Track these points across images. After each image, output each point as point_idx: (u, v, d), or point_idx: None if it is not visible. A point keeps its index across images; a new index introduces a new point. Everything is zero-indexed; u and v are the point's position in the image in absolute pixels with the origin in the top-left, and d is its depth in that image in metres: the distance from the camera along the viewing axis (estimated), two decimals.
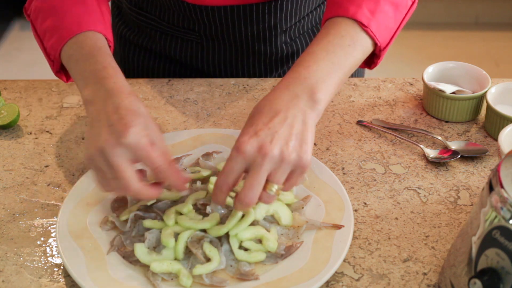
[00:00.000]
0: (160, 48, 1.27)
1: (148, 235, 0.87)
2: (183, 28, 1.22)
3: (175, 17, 1.21)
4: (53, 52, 0.95)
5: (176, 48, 1.25)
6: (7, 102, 1.18)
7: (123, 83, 0.87)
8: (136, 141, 0.80)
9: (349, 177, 1.01)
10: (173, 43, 1.25)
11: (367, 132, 1.10)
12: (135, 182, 0.81)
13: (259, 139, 0.80)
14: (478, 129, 1.11)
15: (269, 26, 1.19)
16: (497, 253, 0.70)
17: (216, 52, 1.24)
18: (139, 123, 0.82)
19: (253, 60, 1.24)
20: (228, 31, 1.19)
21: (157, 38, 1.25)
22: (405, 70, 3.11)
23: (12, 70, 3.19)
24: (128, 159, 0.81)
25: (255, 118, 0.83)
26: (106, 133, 0.81)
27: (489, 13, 3.49)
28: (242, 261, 0.85)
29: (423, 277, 0.85)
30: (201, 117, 1.14)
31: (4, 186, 1.00)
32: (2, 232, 0.92)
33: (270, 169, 0.80)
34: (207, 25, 1.19)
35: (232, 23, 1.18)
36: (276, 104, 0.83)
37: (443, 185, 0.99)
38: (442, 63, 1.17)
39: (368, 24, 0.92)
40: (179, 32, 1.23)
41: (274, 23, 1.19)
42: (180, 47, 1.25)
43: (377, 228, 0.92)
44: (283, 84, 0.86)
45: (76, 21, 0.94)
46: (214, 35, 1.20)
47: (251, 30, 1.19)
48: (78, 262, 0.83)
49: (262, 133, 0.80)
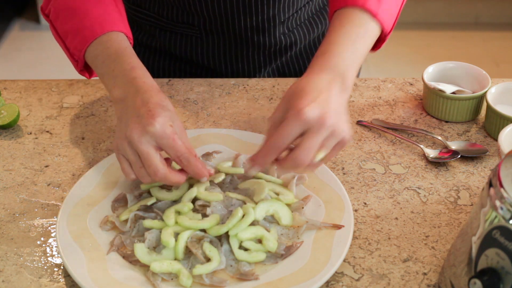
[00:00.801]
0: (160, 45, 1.27)
1: (148, 235, 0.87)
2: (183, 23, 1.22)
3: (174, 12, 1.21)
4: (77, 53, 0.98)
5: (176, 43, 1.26)
6: (7, 102, 1.18)
7: (152, 82, 0.92)
8: (161, 130, 0.85)
9: (349, 177, 1.01)
10: (172, 38, 1.25)
11: (367, 132, 1.10)
12: (162, 167, 0.86)
13: (319, 106, 0.84)
14: (478, 129, 1.11)
15: (267, 17, 1.20)
16: (497, 253, 0.70)
17: (216, 45, 1.24)
18: (166, 115, 0.87)
19: (252, 52, 1.25)
20: (227, 24, 1.20)
21: (157, 35, 1.26)
22: (405, 70, 3.11)
23: (12, 70, 3.18)
24: (154, 146, 0.86)
25: (303, 92, 0.86)
26: (133, 123, 0.86)
27: (489, 13, 3.49)
28: (242, 261, 0.85)
29: (423, 277, 0.85)
30: (201, 117, 1.14)
31: (4, 186, 1.00)
32: (2, 232, 0.92)
33: (324, 137, 0.84)
34: (207, 18, 1.19)
35: (232, 15, 1.18)
36: (317, 84, 0.87)
37: (443, 185, 0.99)
38: (442, 63, 1.17)
39: (377, 12, 0.95)
40: (178, 28, 1.23)
41: (272, 14, 1.20)
42: (180, 43, 1.25)
43: (377, 228, 0.92)
44: (316, 69, 0.90)
45: (97, 21, 0.97)
46: (214, 29, 1.21)
47: (250, 22, 1.20)
48: (78, 262, 0.83)
49: (320, 101, 0.84)
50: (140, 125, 0.85)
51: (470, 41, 3.36)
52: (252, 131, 1.08)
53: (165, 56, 1.29)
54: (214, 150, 1.02)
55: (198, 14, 1.19)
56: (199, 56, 1.26)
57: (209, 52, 1.25)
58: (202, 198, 0.91)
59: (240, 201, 0.92)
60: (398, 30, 3.34)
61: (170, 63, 1.29)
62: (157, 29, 1.25)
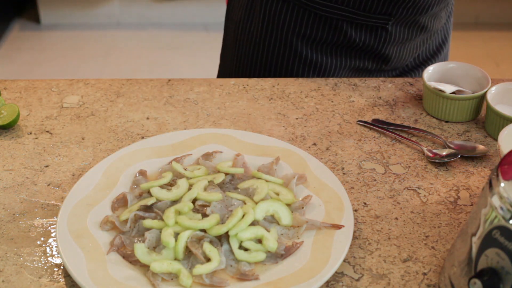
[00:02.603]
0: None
1: (148, 235, 0.87)
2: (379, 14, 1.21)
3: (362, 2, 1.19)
4: None
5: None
6: (7, 102, 1.18)
7: None
8: None
9: (349, 177, 1.01)
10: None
11: (367, 132, 1.10)
12: None
13: None
14: (478, 129, 1.11)
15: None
16: (497, 253, 0.70)
17: None
18: None
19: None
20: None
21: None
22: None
23: (12, 70, 3.19)
24: None
25: None
26: None
27: (489, 13, 3.49)
28: (242, 261, 0.85)
29: (423, 277, 0.85)
30: (201, 117, 1.14)
31: (4, 186, 1.00)
32: (2, 232, 0.92)
33: None
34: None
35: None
36: None
37: (443, 185, 0.99)
38: (442, 63, 1.17)
39: None
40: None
41: None
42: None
43: (377, 228, 0.92)
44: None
45: None
46: None
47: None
48: (78, 262, 0.83)
49: None
50: None
51: (470, 41, 3.36)
52: (252, 131, 1.08)
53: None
54: (214, 150, 1.02)
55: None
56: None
57: None
58: (202, 198, 0.91)
59: (240, 201, 0.92)
60: None
61: None
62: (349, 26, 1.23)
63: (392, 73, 1.32)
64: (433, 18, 1.26)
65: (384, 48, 1.25)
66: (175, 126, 1.12)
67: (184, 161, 1.00)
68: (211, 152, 1.01)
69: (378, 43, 1.24)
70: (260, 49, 1.28)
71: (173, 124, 1.12)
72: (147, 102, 1.17)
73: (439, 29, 1.32)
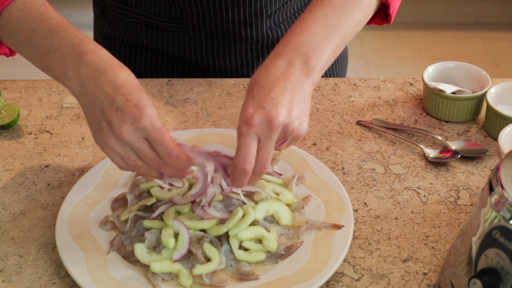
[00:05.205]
0: (147, 43, 1.26)
1: (148, 235, 0.87)
2: (170, 18, 1.22)
3: (161, 7, 1.21)
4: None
5: (163, 40, 1.25)
6: (7, 102, 1.18)
7: (107, 55, 0.81)
8: (152, 124, 0.78)
9: (349, 177, 1.01)
10: (159, 35, 1.24)
11: (367, 132, 1.10)
12: (173, 146, 0.79)
13: (265, 111, 0.79)
14: (478, 129, 1.11)
15: (254, 10, 1.19)
16: (497, 253, 0.70)
17: (203, 41, 1.24)
18: (148, 103, 0.78)
19: (240, 47, 1.24)
20: (215, 17, 1.19)
21: (143, 32, 1.25)
22: (405, 70, 3.11)
23: (12, 70, 3.18)
24: (145, 139, 0.79)
25: (255, 90, 0.82)
26: (117, 119, 0.78)
27: (489, 13, 3.49)
28: (242, 261, 0.85)
29: (423, 277, 0.85)
30: (201, 117, 1.14)
31: (4, 186, 1.00)
32: (2, 232, 0.92)
33: (277, 138, 0.80)
34: (194, 12, 1.19)
35: (220, 8, 1.18)
36: (272, 73, 0.82)
37: (443, 185, 0.99)
38: (442, 63, 1.17)
39: None
40: (165, 24, 1.23)
41: (260, 7, 1.19)
42: (167, 39, 1.24)
43: (377, 228, 0.92)
44: (276, 53, 0.85)
45: None
46: (201, 23, 1.21)
47: (238, 15, 1.19)
48: (78, 262, 0.83)
49: (266, 104, 0.79)
50: (126, 121, 0.77)
51: (470, 41, 3.36)
52: None
53: (152, 54, 1.28)
54: (214, 150, 1.02)
55: (186, 8, 1.18)
56: (187, 53, 1.25)
57: (196, 48, 1.24)
58: (202, 198, 0.91)
59: (240, 201, 0.92)
60: (398, 30, 3.36)
61: (157, 61, 1.28)
62: (143, 26, 1.24)
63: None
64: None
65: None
66: (175, 126, 1.12)
67: None
68: (211, 152, 1.01)
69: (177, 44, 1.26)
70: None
71: (173, 124, 1.12)
72: None
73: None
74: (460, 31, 3.44)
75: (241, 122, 0.80)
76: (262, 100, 0.80)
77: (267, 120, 0.79)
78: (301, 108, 0.82)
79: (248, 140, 0.79)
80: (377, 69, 3.14)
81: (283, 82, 0.81)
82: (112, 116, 0.78)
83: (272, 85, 0.81)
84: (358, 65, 3.15)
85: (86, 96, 0.80)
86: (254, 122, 0.79)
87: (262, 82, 0.82)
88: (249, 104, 0.80)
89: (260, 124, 0.79)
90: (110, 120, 0.78)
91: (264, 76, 0.82)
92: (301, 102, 0.82)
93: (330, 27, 0.85)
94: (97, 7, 1.33)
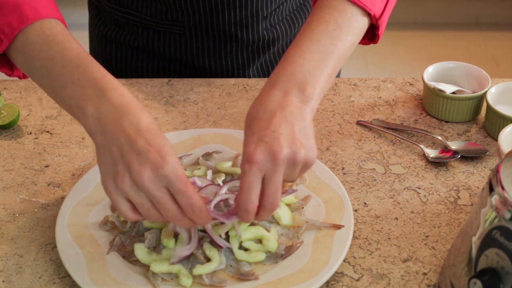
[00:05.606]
0: (143, 44, 1.26)
1: (148, 235, 0.87)
2: (166, 20, 1.22)
3: (157, 9, 1.21)
4: (7, 30, 0.80)
5: (159, 42, 1.25)
6: (7, 102, 1.18)
7: (130, 96, 0.78)
8: (175, 173, 0.74)
9: (349, 177, 1.01)
10: (156, 37, 1.25)
11: (367, 132, 1.10)
12: (198, 199, 0.76)
13: (266, 145, 0.76)
14: (478, 129, 1.11)
15: (251, 12, 1.20)
16: (497, 253, 0.70)
17: (200, 43, 1.24)
18: (171, 151, 0.74)
19: (236, 48, 1.25)
20: (211, 19, 1.20)
21: (140, 34, 1.25)
22: (405, 70, 3.11)
23: None
24: (166, 188, 0.75)
25: (253, 125, 0.79)
26: (137, 163, 0.73)
27: (489, 13, 3.49)
28: (242, 261, 0.85)
29: (423, 277, 0.85)
30: (201, 117, 1.14)
31: (4, 186, 1.00)
32: (2, 232, 0.92)
33: (284, 172, 0.78)
34: (191, 14, 1.19)
35: (216, 10, 1.18)
36: (269, 105, 0.79)
37: (443, 185, 0.99)
38: (442, 63, 1.17)
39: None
40: (162, 25, 1.23)
41: (255, 9, 1.20)
42: (164, 41, 1.25)
43: (377, 228, 0.92)
44: (271, 84, 0.82)
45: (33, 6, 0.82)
46: (198, 25, 1.21)
47: (234, 16, 1.19)
48: (78, 262, 0.83)
49: (267, 138, 0.76)
50: (147, 166, 0.73)
51: (470, 41, 3.36)
52: None
53: (149, 55, 1.28)
54: (214, 150, 1.02)
55: (183, 10, 1.19)
56: (184, 55, 1.25)
57: (193, 49, 1.25)
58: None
59: None
60: (398, 30, 3.36)
61: (154, 63, 1.28)
62: (139, 28, 1.24)
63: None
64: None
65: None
66: (175, 126, 1.12)
67: (184, 161, 1.00)
68: (211, 152, 1.01)
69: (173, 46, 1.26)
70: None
71: (173, 124, 1.12)
72: (147, 102, 1.17)
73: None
74: (460, 31, 3.45)
75: (243, 160, 0.77)
76: (263, 135, 0.77)
77: (270, 155, 0.76)
78: (305, 136, 0.78)
79: (251, 178, 0.76)
80: (377, 69, 3.14)
81: (282, 113, 0.78)
82: (132, 159, 0.73)
83: (271, 117, 0.78)
84: (358, 65, 3.16)
85: (104, 136, 0.75)
86: (257, 159, 0.75)
87: (260, 115, 0.79)
88: (249, 141, 0.77)
89: (264, 160, 0.76)
90: (129, 163, 0.73)
91: (261, 109, 0.79)
92: (303, 130, 0.79)
93: (324, 52, 0.83)
94: (92, 7, 1.33)
